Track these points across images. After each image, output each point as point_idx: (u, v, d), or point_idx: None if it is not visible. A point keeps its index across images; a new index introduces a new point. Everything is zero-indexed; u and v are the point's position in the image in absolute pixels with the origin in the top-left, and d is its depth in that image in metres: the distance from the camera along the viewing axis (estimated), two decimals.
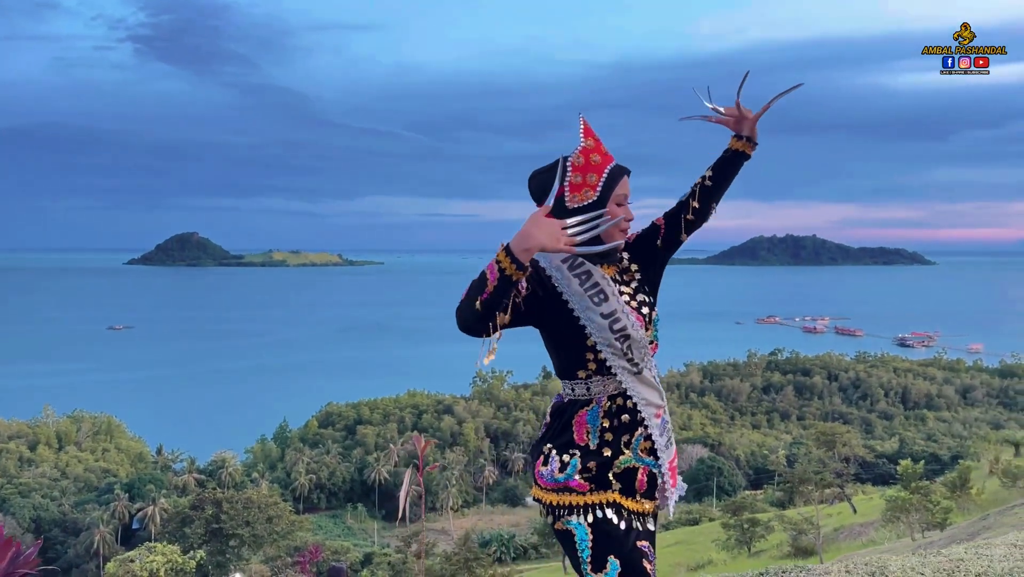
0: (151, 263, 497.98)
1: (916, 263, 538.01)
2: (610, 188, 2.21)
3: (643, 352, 2.26)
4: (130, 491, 54.63)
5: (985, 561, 3.92)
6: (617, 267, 2.33)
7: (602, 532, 2.17)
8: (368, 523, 59.94)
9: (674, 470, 2.36)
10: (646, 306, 2.32)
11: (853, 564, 3.97)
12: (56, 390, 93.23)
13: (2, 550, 4.02)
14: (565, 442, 2.24)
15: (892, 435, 73.95)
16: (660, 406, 2.31)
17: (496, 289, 1.96)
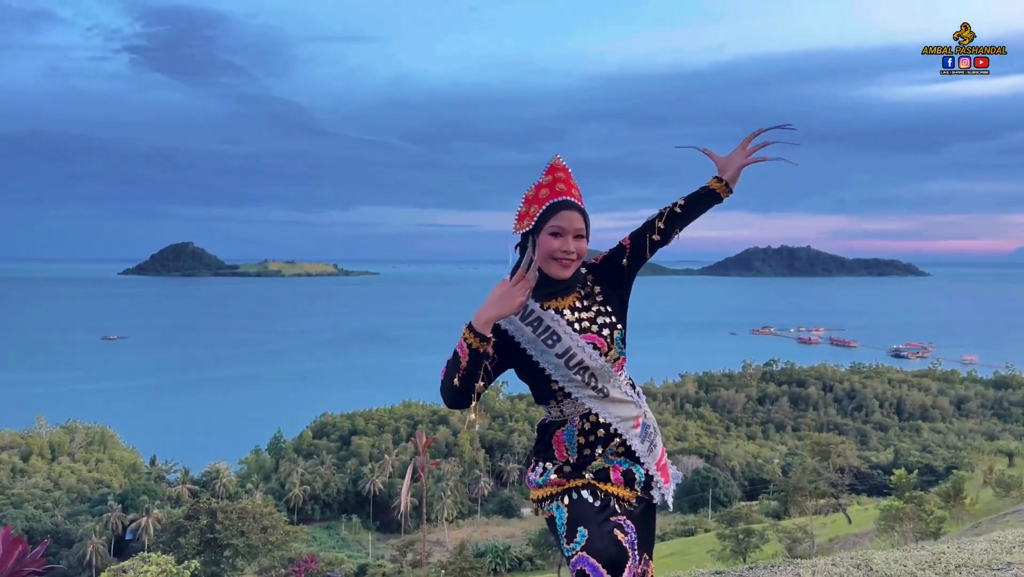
0: (146, 273, 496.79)
1: (910, 274, 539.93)
2: (544, 219, 2.39)
3: (606, 376, 2.42)
4: (123, 502, 54.32)
5: (966, 554, 4.04)
6: (579, 293, 2.48)
7: (576, 509, 2.38)
8: (363, 534, 59.69)
9: (664, 468, 2.55)
10: (607, 328, 2.45)
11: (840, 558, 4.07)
12: (49, 400, 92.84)
13: (9, 549, 4.07)
14: (549, 456, 2.49)
15: (887, 446, 73.99)
16: (636, 416, 2.48)
17: (469, 365, 2.21)
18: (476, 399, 2.28)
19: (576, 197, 2.45)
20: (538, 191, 2.45)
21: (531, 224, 2.41)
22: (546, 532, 46.40)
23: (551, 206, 2.40)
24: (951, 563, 3.91)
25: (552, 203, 2.40)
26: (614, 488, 2.42)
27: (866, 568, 3.86)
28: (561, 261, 2.40)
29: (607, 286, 2.51)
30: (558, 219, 2.39)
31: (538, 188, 2.46)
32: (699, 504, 58.39)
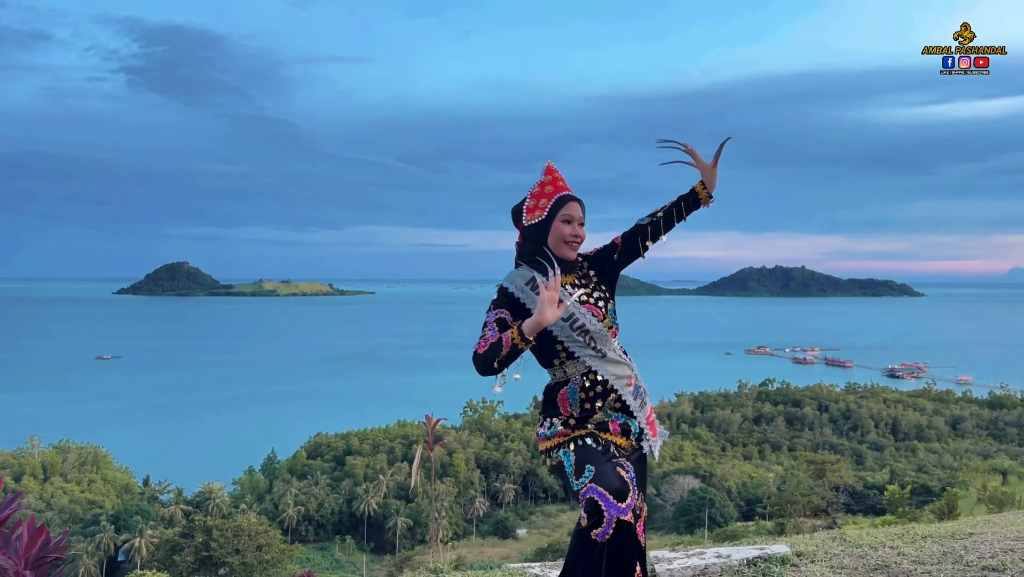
0: (140, 293, 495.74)
1: (904, 294, 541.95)
2: (556, 209, 2.89)
3: (603, 339, 2.87)
4: (116, 522, 53.91)
5: (934, 528, 4.26)
6: (576, 274, 2.96)
7: (582, 452, 2.77)
8: (357, 556, 59.29)
9: (652, 423, 2.98)
10: (602, 300, 2.92)
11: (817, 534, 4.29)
12: (42, 420, 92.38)
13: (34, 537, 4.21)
14: (554, 413, 2.91)
15: (883, 466, 73.90)
16: (629, 376, 2.92)
17: (508, 356, 2.67)
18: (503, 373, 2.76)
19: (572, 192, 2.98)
20: (543, 188, 2.94)
21: (542, 216, 2.89)
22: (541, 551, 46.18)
23: (560, 198, 2.90)
24: (919, 534, 4.21)
25: (561, 196, 2.91)
26: (612, 437, 2.84)
27: (840, 540, 4.13)
28: (571, 244, 2.90)
29: (599, 272, 2.99)
30: (568, 209, 2.89)
31: (542, 185, 2.95)
32: (695, 524, 58.18)
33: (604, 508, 2.60)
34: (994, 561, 3.66)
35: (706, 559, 3.66)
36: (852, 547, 3.98)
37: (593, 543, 2.61)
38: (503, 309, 2.81)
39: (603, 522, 2.60)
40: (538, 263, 2.84)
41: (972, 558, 3.74)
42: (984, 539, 4.08)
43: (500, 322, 2.77)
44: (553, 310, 2.61)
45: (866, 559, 3.73)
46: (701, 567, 3.57)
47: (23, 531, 4.95)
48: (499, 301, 2.85)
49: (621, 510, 2.62)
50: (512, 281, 2.88)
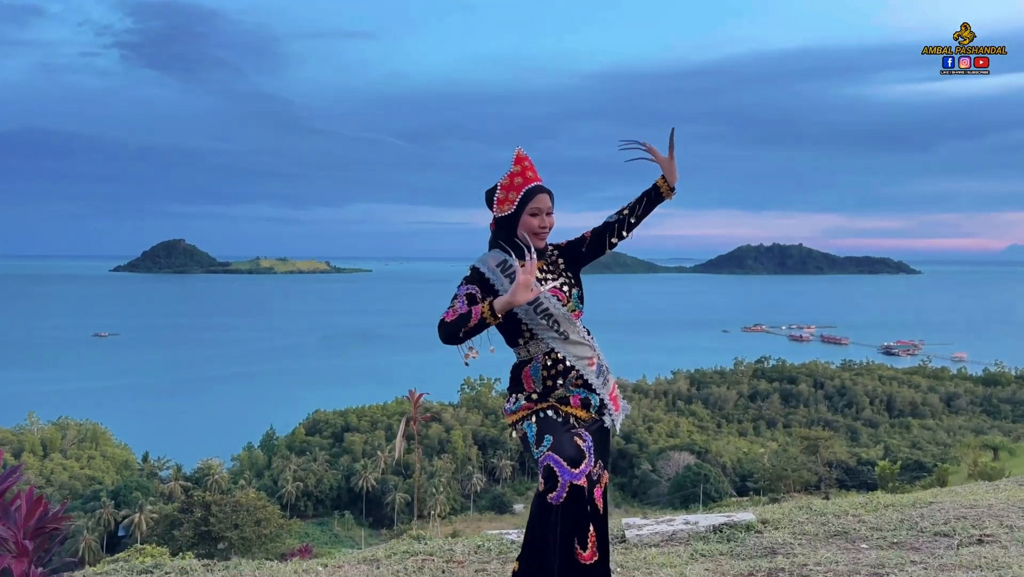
0: (137, 270, 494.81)
1: (901, 272, 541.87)
2: (525, 202, 3.02)
3: (566, 321, 3.02)
4: (116, 498, 54.33)
5: (897, 497, 4.46)
6: (546, 260, 3.12)
7: (543, 424, 2.96)
8: (355, 530, 59.90)
9: (615, 399, 3.15)
10: (567, 285, 3.08)
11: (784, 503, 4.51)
12: (41, 397, 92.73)
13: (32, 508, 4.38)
14: (519, 389, 3.10)
15: (877, 443, 74.43)
16: (591, 357, 3.08)
17: (476, 326, 2.82)
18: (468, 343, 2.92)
19: (543, 181, 3.09)
20: (512, 179, 3.07)
21: (511, 209, 3.04)
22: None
23: (528, 191, 3.04)
24: (882, 503, 4.43)
25: (529, 188, 3.04)
26: (573, 410, 3.01)
27: (807, 508, 4.34)
28: (539, 235, 3.05)
29: (567, 261, 3.16)
30: (536, 201, 3.03)
31: (512, 176, 3.08)
32: (690, 500, 58.77)
33: (559, 473, 2.78)
34: (946, 528, 3.87)
35: (674, 525, 3.86)
36: (816, 515, 4.19)
37: (549, 506, 2.80)
38: (474, 285, 2.96)
39: (558, 486, 2.78)
40: (514, 245, 3.00)
41: (926, 525, 3.94)
42: (941, 507, 4.28)
43: (470, 297, 2.91)
44: (526, 293, 2.77)
45: (827, 526, 3.94)
46: (669, 533, 3.77)
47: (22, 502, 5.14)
48: (471, 278, 2.99)
49: (575, 475, 2.80)
50: (484, 263, 3.02)
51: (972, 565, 3.25)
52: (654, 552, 3.59)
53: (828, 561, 3.32)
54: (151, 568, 3.39)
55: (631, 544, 3.78)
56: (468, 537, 3.98)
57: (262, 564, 3.42)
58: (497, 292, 2.95)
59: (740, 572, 3.29)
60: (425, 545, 3.80)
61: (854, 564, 3.28)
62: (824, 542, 3.69)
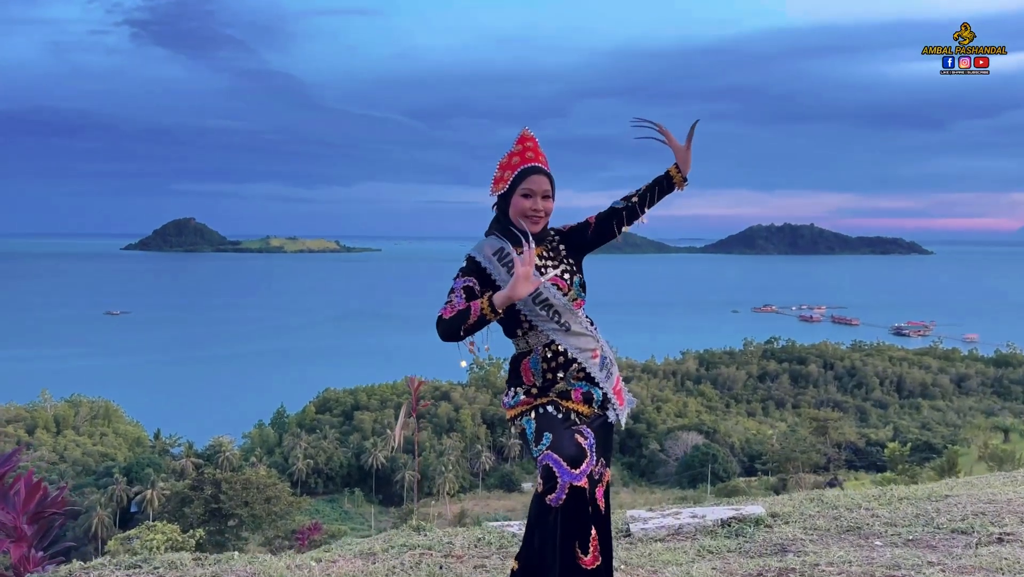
0: (148, 248, 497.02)
1: (913, 252, 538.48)
2: (517, 183, 2.85)
3: (567, 312, 2.86)
4: (128, 475, 54.86)
5: (912, 490, 4.32)
6: (546, 246, 2.95)
7: (543, 420, 2.82)
8: (365, 508, 60.36)
9: (619, 392, 2.99)
10: (567, 273, 2.91)
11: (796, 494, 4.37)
12: (54, 374, 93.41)
13: (32, 492, 4.32)
14: (518, 382, 2.93)
15: (887, 424, 74.27)
16: (594, 348, 2.92)
17: (475, 323, 2.67)
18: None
19: (543, 163, 2.90)
20: (510, 159, 2.92)
21: (505, 188, 2.88)
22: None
23: (521, 171, 2.86)
24: (896, 496, 4.28)
25: (523, 169, 2.87)
26: (574, 405, 2.86)
27: (818, 501, 4.20)
28: (531, 218, 2.87)
29: (569, 247, 2.98)
30: (528, 182, 2.85)
31: (510, 156, 2.92)
32: (698, 479, 58.90)
33: (558, 474, 2.67)
34: (963, 524, 3.72)
35: (681, 519, 3.73)
36: (828, 508, 4.05)
37: (548, 508, 2.68)
38: (471, 277, 2.81)
39: (557, 488, 2.66)
40: (509, 233, 2.84)
41: (943, 520, 3.79)
42: (958, 501, 4.14)
43: (467, 290, 2.77)
44: (526, 286, 2.61)
45: (840, 520, 3.80)
46: (675, 527, 3.65)
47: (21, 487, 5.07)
48: (467, 269, 2.84)
49: (574, 476, 2.68)
50: (480, 250, 2.88)
51: (993, 567, 3.11)
52: (659, 547, 3.46)
53: (841, 561, 3.16)
54: (139, 562, 3.30)
55: (636, 538, 3.66)
56: (468, 529, 3.88)
57: (254, 558, 3.32)
58: (495, 283, 2.81)
59: (749, 572, 3.16)
60: (425, 537, 3.70)
61: (868, 563, 3.14)
62: (836, 538, 3.56)
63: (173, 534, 27.72)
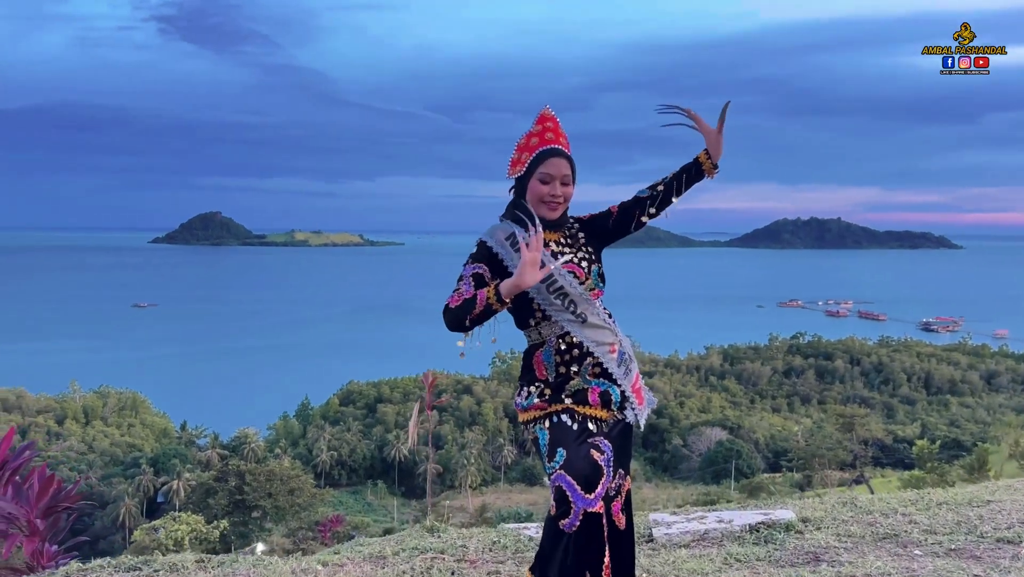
0: (175, 242, 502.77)
1: (942, 247, 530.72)
2: (535, 166, 2.66)
3: (584, 302, 2.67)
4: (155, 465, 55.52)
5: (951, 494, 4.12)
6: (563, 233, 2.76)
7: (557, 431, 2.62)
8: (388, 500, 60.63)
9: (639, 390, 2.79)
10: (585, 261, 2.73)
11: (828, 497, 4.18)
12: (83, 366, 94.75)
13: (45, 485, 4.26)
14: (530, 379, 2.73)
15: (914, 420, 73.36)
16: (612, 342, 2.72)
17: (482, 315, 2.52)
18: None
19: (564, 145, 2.70)
20: (528, 140, 2.71)
21: (521, 171, 2.69)
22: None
23: (540, 154, 2.66)
24: (934, 501, 4.07)
25: (541, 151, 2.67)
26: (591, 410, 2.65)
27: (851, 505, 3.99)
28: (549, 204, 2.68)
29: (589, 235, 2.80)
30: (546, 166, 2.65)
31: (528, 137, 2.72)
32: (722, 475, 58.48)
33: (572, 499, 2.51)
34: (1010, 533, 3.50)
35: (707, 524, 3.54)
36: (862, 513, 3.84)
37: (561, 532, 2.54)
38: (481, 264, 2.64)
39: (570, 513, 2.51)
40: (521, 219, 2.64)
41: (987, 529, 3.58)
42: (1002, 508, 3.90)
43: (477, 277, 2.60)
44: (534, 273, 2.44)
45: (875, 527, 3.59)
46: (700, 532, 3.47)
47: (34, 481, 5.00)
48: (477, 255, 2.67)
49: (588, 502, 2.51)
50: (492, 235, 2.69)
51: None
52: (683, 554, 3.27)
53: (879, 572, 2.95)
54: (139, 564, 3.20)
55: (659, 544, 3.47)
56: (484, 532, 3.73)
57: (259, 560, 3.20)
58: (508, 270, 2.63)
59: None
60: (438, 538, 3.55)
61: (908, 574, 2.94)
62: (872, 546, 3.35)
63: (197, 525, 28.03)
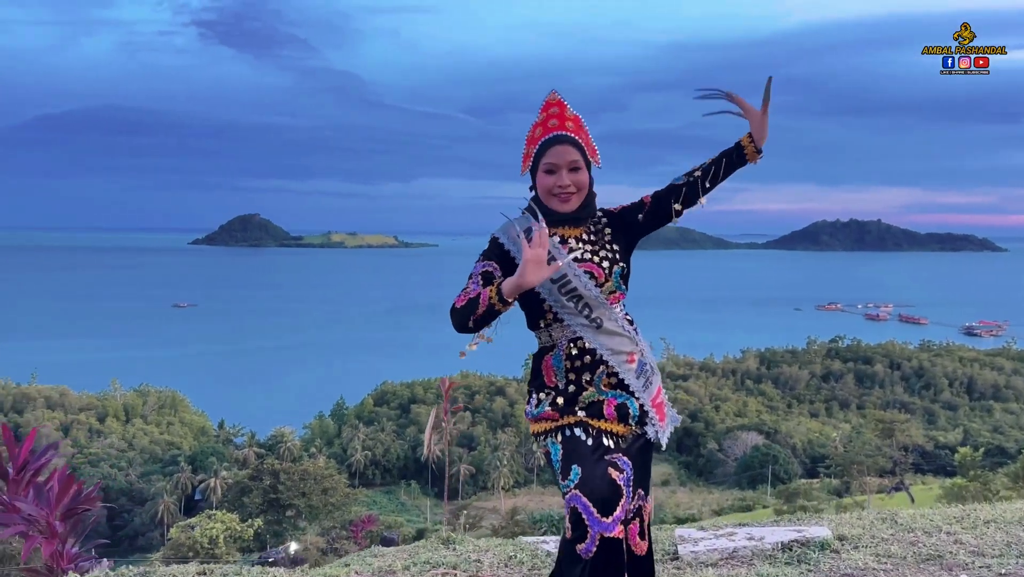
0: (214, 243, 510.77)
1: (986, 249, 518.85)
2: (539, 158, 2.47)
3: (599, 305, 2.45)
4: (193, 463, 56.30)
5: (999, 511, 3.88)
6: (587, 228, 2.53)
7: (570, 446, 2.41)
8: (421, 500, 60.80)
9: (660, 406, 2.54)
10: (607, 261, 2.48)
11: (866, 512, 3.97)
12: (124, 364, 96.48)
13: (65, 487, 4.23)
14: (539, 385, 2.55)
15: (956, 426, 71.75)
16: (630, 352, 2.49)
17: (485, 316, 2.32)
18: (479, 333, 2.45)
19: (570, 129, 2.46)
20: (534, 131, 2.53)
21: (529, 165, 2.52)
22: None
23: (542, 144, 2.47)
24: (980, 519, 3.82)
25: (543, 141, 2.48)
26: (607, 424, 2.44)
27: (891, 521, 3.77)
28: (559, 196, 2.46)
29: (617, 231, 2.55)
30: (549, 156, 2.45)
31: (534, 128, 2.53)
32: (758, 481, 57.69)
33: (588, 523, 2.30)
34: None
35: (736, 541, 3.35)
36: (903, 531, 3.62)
37: (577, 557, 2.34)
38: (491, 261, 2.46)
39: (587, 538, 2.31)
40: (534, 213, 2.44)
41: None
42: None
43: (486, 276, 2.42)
44: (537, 271, 2.22)
45: (917, 546, 3.37)
46: (729, 550, 3.28)
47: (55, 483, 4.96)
48: (489, 252, 2.49)
49: (606, 526, 2.30)
50: (505, 231, 2.49)
51: None
52: (711, 573, 3.09)
53: None
54: (141, 574, 3.12)
55: (684, 562, 3.29)
56: (500, 545, 3.58)
57: (264, 571, 3.12)
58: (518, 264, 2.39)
59: None
60: (453, 551, 3.42)
61: None
62: (915, 568, 3.14)
63: (232, 523, 28.31)
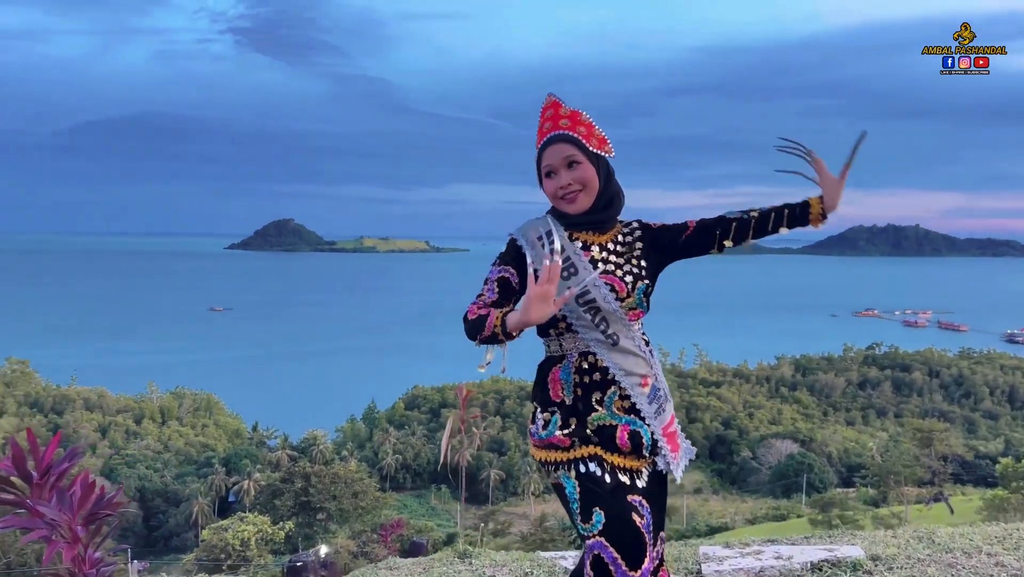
0: (250, 248, 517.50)
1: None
2: (539, 165, 2.34)
3: (618, 322, 2.27)
4: (227, 465, 56.92)
5: None
6: (615, 237, 2.36)
7: (587, 485, 2.20)
8: (451, 504, 60.82)
9: (672, 436, 2.34)
10: (631, 276, 2.31)
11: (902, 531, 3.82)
12: (160, 367, 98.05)
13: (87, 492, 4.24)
14: (544, 400, 2.31)
15: (997, 435, 70.14)
16: (644, 375, 2.30)
17: (489, 339, 2.16)
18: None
19: (564, 127, 2.31)
20: (536, 140, 2.38)
21: (537, 175, 2.38)
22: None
23: (538, 152, 2.35)
24: (1023, 538, 3.60)
25: (538, 149, 2.35)
26: (620, 459, 2.26)
27: (928, 540, 3.61)
28: (565, 198, 2.30)
29: (650, 246, 2.37)
30: (545, 159, 2.31)
31: (537, 136, 2.38)
32: (792, 489, 56.83)
33: (615, 575, 2.12)
34: None
35: (763, 560, 3.23)
36: (941, 551, 3.47)
37: None
38: (508, 266, 2.29)
39: None
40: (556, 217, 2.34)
41: None
42: None
43: (502, 283, 2.27)
44: (542, 309, 2.04)
45: (956, 568, 3.22)
46: (756, 570, 3.16)
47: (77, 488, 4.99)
48: (506, 255, 2.32)
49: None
50: (524, 232, 2.32)
51: None
52: None
53: None
54: None
55: None
56: (517, 560, 3.51)
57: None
58: (536, 271, 2.16)
59: None
60: (469, 565, 3.36)
61: None
62: None
63: (264, 526, 28.55)
